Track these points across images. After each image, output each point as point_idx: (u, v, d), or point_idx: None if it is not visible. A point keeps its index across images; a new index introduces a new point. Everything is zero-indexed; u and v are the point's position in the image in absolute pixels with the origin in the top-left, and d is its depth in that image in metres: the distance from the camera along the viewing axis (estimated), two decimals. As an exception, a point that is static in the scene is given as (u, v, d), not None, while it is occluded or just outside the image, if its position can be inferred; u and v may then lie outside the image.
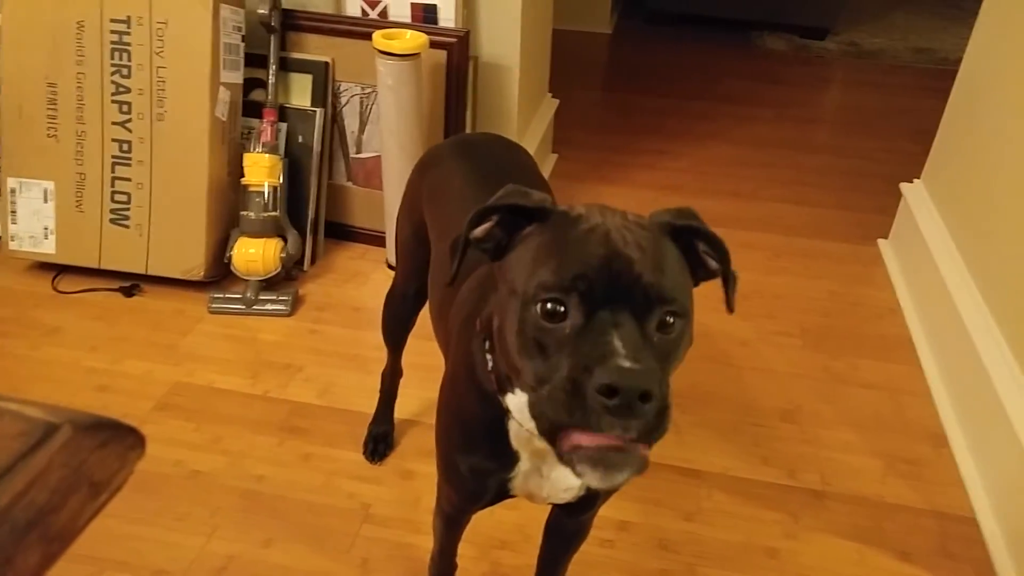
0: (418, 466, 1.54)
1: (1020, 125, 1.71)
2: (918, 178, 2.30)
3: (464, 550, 1.31)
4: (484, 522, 1.41)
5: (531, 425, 0.77)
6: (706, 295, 2.35)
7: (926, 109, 2.48)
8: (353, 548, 1.38)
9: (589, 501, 0.93)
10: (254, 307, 1.95)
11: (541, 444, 0.80)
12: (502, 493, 0.91)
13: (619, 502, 1.47)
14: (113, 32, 1.88)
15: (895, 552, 1.42)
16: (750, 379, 1.81)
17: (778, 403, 1.74)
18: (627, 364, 0.59)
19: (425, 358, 1.48)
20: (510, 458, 0.86)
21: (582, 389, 0.59)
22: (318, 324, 1.93)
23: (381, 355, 1.52)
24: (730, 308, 0.76)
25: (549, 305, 0.63)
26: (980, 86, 1.98)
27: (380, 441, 1.56)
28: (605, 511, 1.42)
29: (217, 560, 1.35)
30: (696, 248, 0.73)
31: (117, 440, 0.43)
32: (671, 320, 0.65)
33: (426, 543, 1.23)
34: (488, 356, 0.80)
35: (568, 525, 1.09)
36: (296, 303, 1.99)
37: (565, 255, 0.65)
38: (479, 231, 0.74)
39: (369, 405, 1.61)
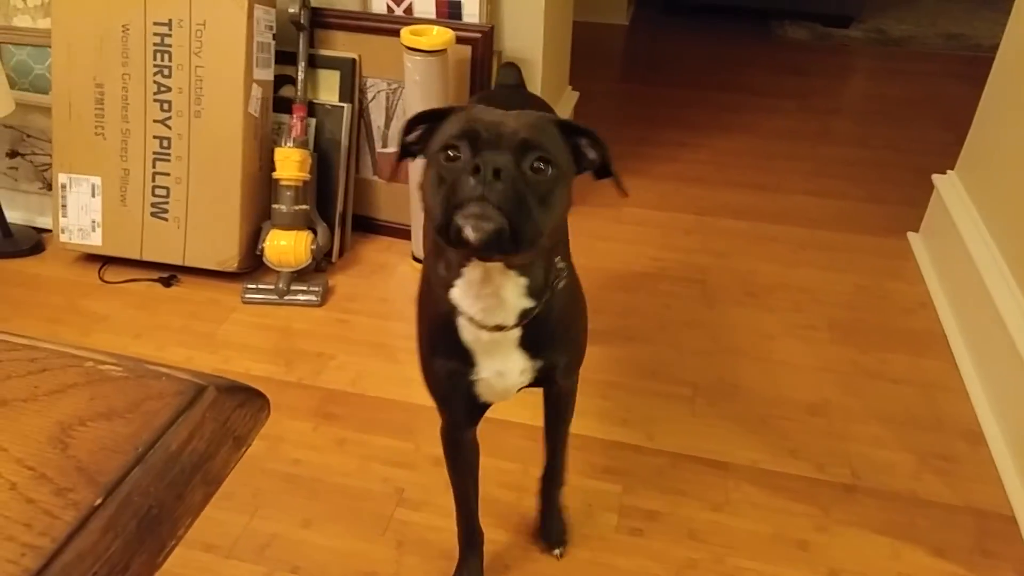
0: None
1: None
2: (951, 169, 2.22)
3: (494, 535, 1.35)
4: (513, 509, 1.44)
5: (473, 311, 0.92)
6: (728, 287, 2.31)
7: (957, 97, 2.40)
8: (388, 531, 1.41)
9: (549, 375, 1.05)
10: (286, 297, 1.99)
11: (487, 337, 0.95)
12: (472, 397, 1.03)
13: (647, 491, 1.49)
14: (156, 34, 1.94)
15: (930, 548, 1.39)
16: (777, 372, 1.80)
17: (805, 396, 1.73)
18: (489, 155, 0.77)
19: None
20: (468, 356, 0.99)
21: (461, 180, 0.78)
22: (347, 314, 1.96)
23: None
24: (621, 190, 0.92)
25: (449, 152, 0.81)
26: (1019, 73, 1.90)
27: None
28: (633, 500, 1.46)
29: (261, 537, 1.40)
30: (579, 144, 0.90)
31: (250, 402, 0.49)
32: (543, 166, 0.80)
33: (457, 526, 1.27)
34: (439, 261, 0.95)
35: (550, 396, 1.22)
36: (326, 294, 2.02)
37: (462, 121, 0.83)
38: (411, 136, 0.92)
39: (399, 393, 1.65)
